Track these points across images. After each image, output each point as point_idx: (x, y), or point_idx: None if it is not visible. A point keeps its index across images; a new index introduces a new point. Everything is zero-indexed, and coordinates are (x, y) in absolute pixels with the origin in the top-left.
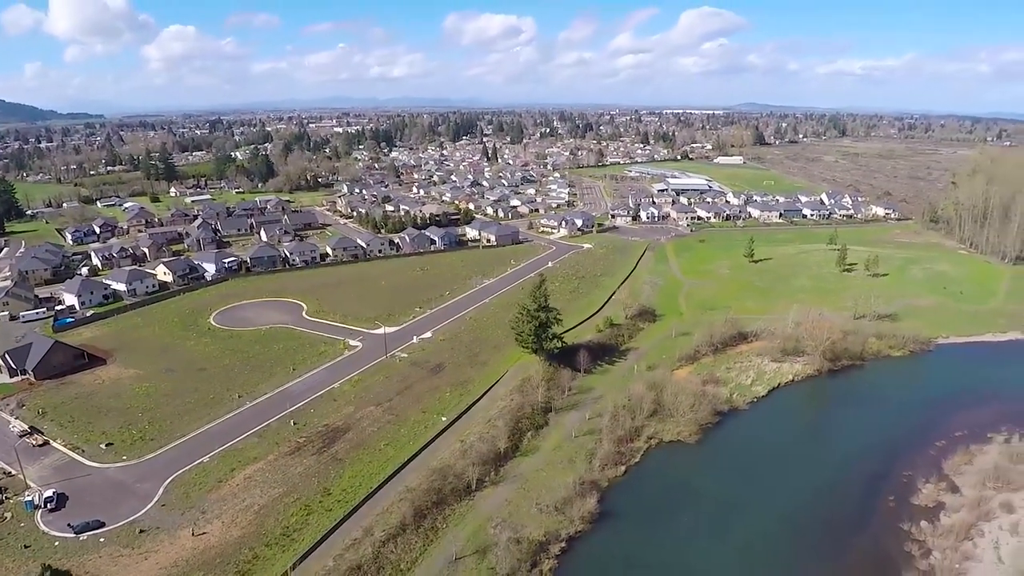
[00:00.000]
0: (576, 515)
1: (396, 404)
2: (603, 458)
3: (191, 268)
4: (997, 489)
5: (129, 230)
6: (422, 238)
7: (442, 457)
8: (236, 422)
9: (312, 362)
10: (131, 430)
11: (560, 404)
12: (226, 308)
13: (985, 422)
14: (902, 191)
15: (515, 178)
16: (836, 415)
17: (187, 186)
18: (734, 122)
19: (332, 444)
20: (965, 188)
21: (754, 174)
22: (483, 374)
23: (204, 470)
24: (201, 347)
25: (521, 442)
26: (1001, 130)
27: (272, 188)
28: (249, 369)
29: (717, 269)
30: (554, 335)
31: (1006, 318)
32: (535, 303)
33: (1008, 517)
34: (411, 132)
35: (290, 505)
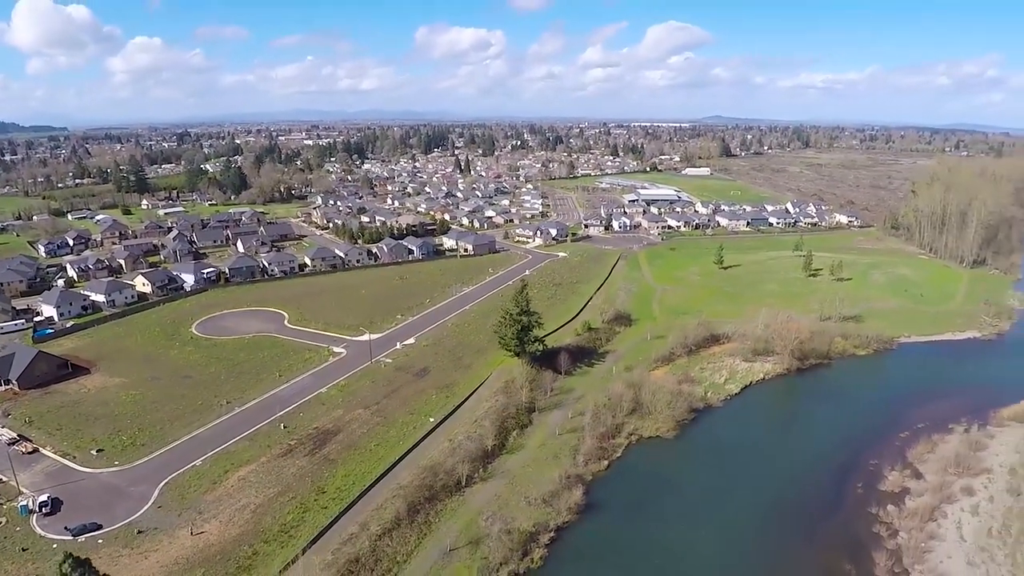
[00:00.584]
0: (563, 507)
1: (384, 407)
2: (586, 453)
3: (170, 279)
4: (958, 475)
5: (103, 242)
6: (400, 248)
7: (432, 456)
8: (226, 427)
9: (298, 368)
10: (121, 436)
11: (543, 404)
12: (207, 318)
13: (946, 414)
14: (864, 200)
15: (489, 190)
16: (806, 410)
17: (159, 198)
18: (701, 135)
19: (323, 446)
20: (924, 196)
21: (721, 185)
22: (467, 377)
23: (198, 473)
24: (185, 356)
25: (507, 440)
26: (959, 141)
27: (245, 200)
28: (235, 376)
29: (688, 276)
30: (536, 338)
31: (964, 318)
32: (517, 307)
33: (969, 500)
34: (383, 144)
35: (286, 504)
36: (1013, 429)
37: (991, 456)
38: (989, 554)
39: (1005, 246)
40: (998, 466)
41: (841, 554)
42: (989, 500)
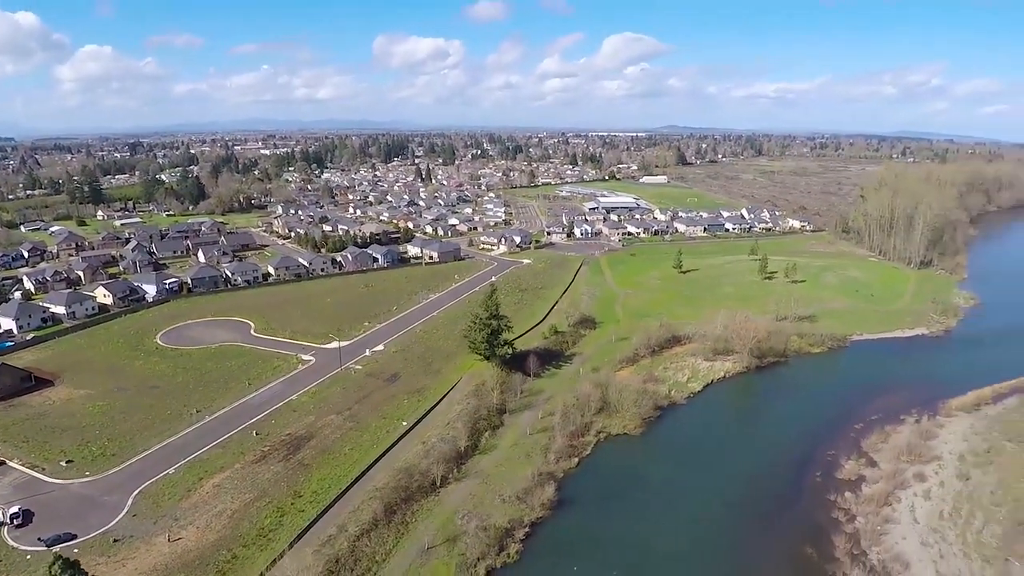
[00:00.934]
0: (537, 503)
1: (356, 412)
2: (557, 452)
3: (131, 290)
4: (910, 462)
5: (59, 254)
6: (364, 256)
7: (406, 458)
8: (197, 435)
9: (267, 376)
10: (90, 447)
11: (514, 406)
12: (172, 328)
13: (897, 406)
14: (815, 205)
15: (451, 198)
16: (765, 405)
17: (115, 209)
18: (657, 144)
19: (297, 451)
20: (873, 201)
21: (678, 192)
22: (438, 381)
23: (171, 481)
24: (151, 366)
25: (480, 441)
26: (905, 148)
27: (204, 210)
28: (204, 385)
29: (649, 280)
30: (505, 341)
31: (912, 316)
32: (487, 312)
33: (921, 485)
34: (342, 154)
35: (263, 508)
36: (960, 419)
37: (941, 444)
38: (941, 535)
39: (950, 247)
40: (947, 453)
41: (803, 539)
42: (940, 485)
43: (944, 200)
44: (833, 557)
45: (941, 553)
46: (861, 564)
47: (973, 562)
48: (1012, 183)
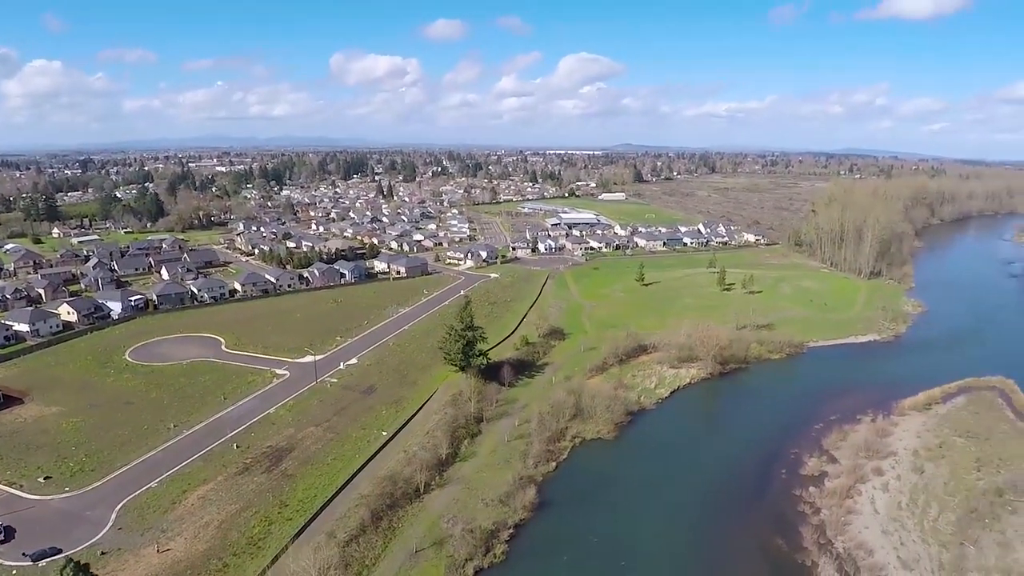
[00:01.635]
0: (519, 505)
1: (335, 424)
2: (535, 456)
3: (96, 307)
4: (868, 458)
5: (16, 272)
6: (332, 272)
7: (389, 466)
8: (176, 449)
9: (243, 391)
10: (68, 463)
11: (491, 414)
12: (140, 345)
13: (854, 407)
14: (769, 220)
15: (414, 214)
16: (730, 409)
17: (71, 227)
18: (613, 162)
19: (280, 463)
20: (823, 215)
21: (636, 208)
22: (415, 393)
23: (155, 494)
24: (123, 382)
25: (460, 449)
26: (852, 164)
27: (163, 227)
28: (179, 400)
29: (613, 292)
30: (480, 352)
31: (864, 323)
32: (462, 323)
33: (879, 479)
34: (301, 171)
35: (250, 518)
36: (913, 417)
37: (896, 441)
38: (900, 523)
39: (897, 258)
40: (902, 449)
41: (773, 531)
42: (897, 478)
43: (891, 214)
44: (802, 547)
45: (901, 540)
46: (828, 553)
47: (931, 547)
48: (954, 197)
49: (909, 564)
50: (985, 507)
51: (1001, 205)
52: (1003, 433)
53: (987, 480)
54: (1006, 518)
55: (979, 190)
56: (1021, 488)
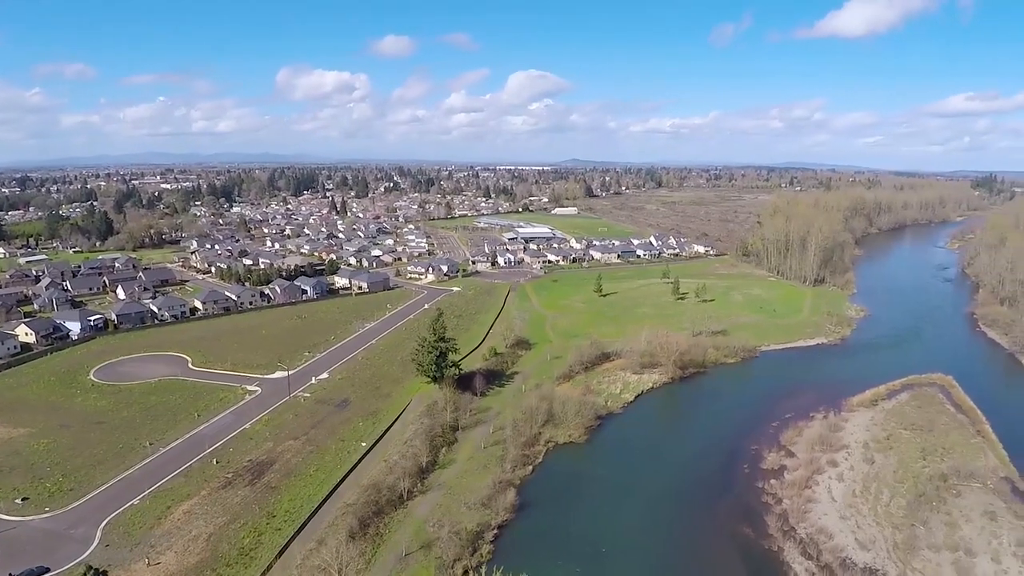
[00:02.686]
0: (500, 507)
1: (314, 436)
2: (512, 461)
3: (54, 328)
4: (823, 451)
5: None
6: (294, 288)
7: (371, 475)
8: (155, 466)
9: (216, 408)
10: (44, 483)
11: (465, 423)
12: (104, 364)
13: (807, 405)
14: (716, 232)
15: (370, 230)
16: (692, 410)
17: (16, 246)
18: (563, 177)
19: (262, 476)
20: (769, 226)
21: (589, 222)
22: (389, 404)
23: (139, 511)
24: (92, 402)
25: (438, 457)
26: (792, 177)
27: (113, 246)
28: (152, 419)
29: (573, 303)
30: (452, 363)
31: (811, 327)
32: (435, 335)
33: (834, 470)
34: (250, 187)
35: (239, 530)
36: (861, 413)
37: (847, 435)
38: (856, 509)
39: (840, 266)
40: (854, 442)
41: (740, 521)
42: (850, 469)
43: (832, 224)
44: (767, 534)
45: (858, 524)
46: (792, 538)
47: (885, 529)
48: (890, 207)
49: (866, 545)
50: (932, 492)
51: (934, 214)
52: (944, 425)
53: (932, 467)
54: (951, 501)
55: (913, 200)
56: (963, 474)
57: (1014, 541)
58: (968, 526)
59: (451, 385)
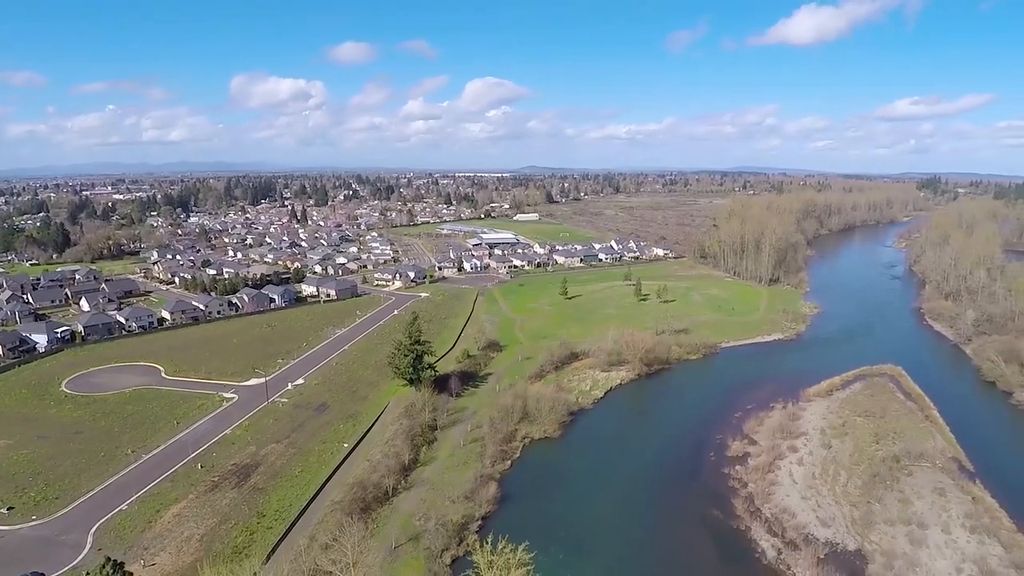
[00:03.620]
0: (483, 500)
1: (296, 439)
2: (491, 457)
3: (21, 340)
4: (783, 438)
5: None
6: (262, 297)
7: (356, 474)
8: (139, 473)
9: (194, 415)
10: (28, 493)
11: (443, 422)
12: (76, 376)
13: (767, 397)
14: (673, 235)
15: (333, 238)
16: (659, 404)
17: None
18: (523, 183)
19: (248, 478)
20: (725, 229)
21: (551, 228)
22: (367, 407)
23: (128, 516)
24: (67, 413)
25: (419, 455)
26: (745, 181)
27: (71, 258)
28: (131, 428)
29: (540, 306)
30: (428, 365)
31: (768, 324)
32: (410, 339)
33: (794, 455)
34: (206, 197)
35: (231, 529)
36: (817, 403)
37: (805, 423)
38: (816, 490)
39: (793, 266)
40: (812, 429)
41: (709, 504)
42: (809, 454)
43: (785, 226)
44: (735, 515)
45: (818, 503)
46: (758, 518)
47: (843, 507)
48: (840, 209)
49: (826, 522)
50: (885, 472)
51: (882, 215)
52: (895, 411)
53: (885, 450)
54: (903, 479)
55: (862, 202)
56: (914, 455)
57: (962, 514)
58: (920, 502)
59: (428, 386)
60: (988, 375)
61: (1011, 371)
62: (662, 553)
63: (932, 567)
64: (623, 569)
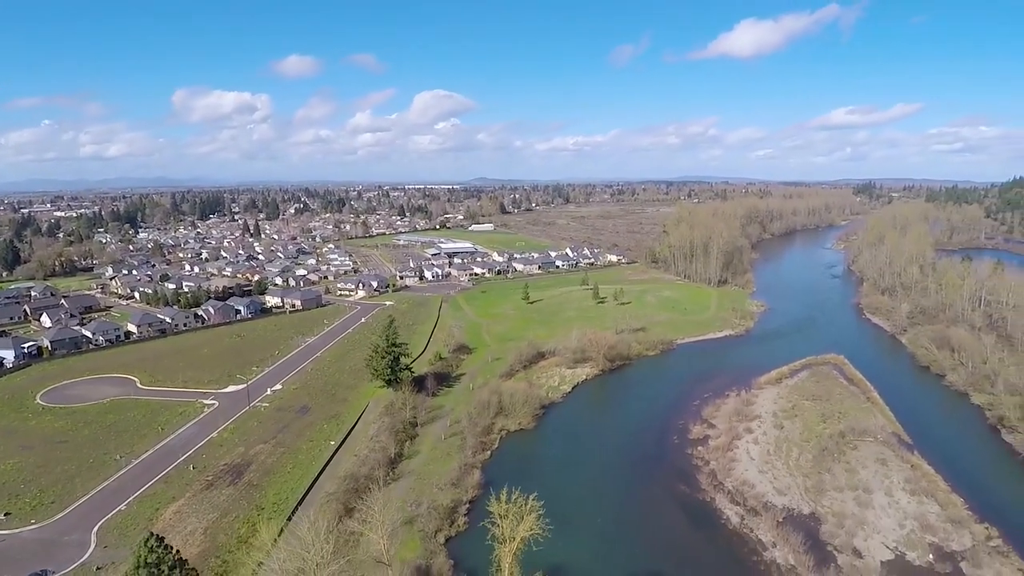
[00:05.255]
0: (468, 486)
1: (282, 440)
2: (472, 448)
3: None
4: (739, 421)
5: None
6: (227, 308)
7: (346, 467)
8: (132, 476)
9: (177, 421)
10: (23, 499)
11: (423, 419)
12: (50, 389)
13: (722, 386)
14: (625, 242)
15: (289, 251)
16: (624, 396)
17: None
18: (474, 195)
19: (242, 476)
20: (674, 234)
21: (506, 237)
22: (348, 408)
23: (128, 515)
24: (47, 424)
25: (403, 449)
26: (690, 190)
27: (23, 275)
28: (115, 435)
29: (504, 311)
30: (405, 366)
31: (719, 322)
32: (388, 341)
33: (750, 435)
34: (153, 212)
35: (233, 522)
36: (768, 390)
37: (758, 407)
38: (771, 464)
39: (740, 268)
40: (765, 413)
41: (676, 481)
42: (764, 434)
43: (730, 231)
44: (701, 489)
45: (774, 476)
46: (721, 490)
47: (796, 478)
48: (781, 215)
49: (782, 491)
50: (833, 447)
51: (821, 219)
52: (839, 395)
53: (831, 428)
54: (849, 453)
55: (802, 207)
56: (858, 431)
57: (902, 479)
58: (864, 471)
59: (403, 387)
60: (922, 361)
61: (943, 356)
62: (637, 523)
63: (878, 524)
64: (605, 537)
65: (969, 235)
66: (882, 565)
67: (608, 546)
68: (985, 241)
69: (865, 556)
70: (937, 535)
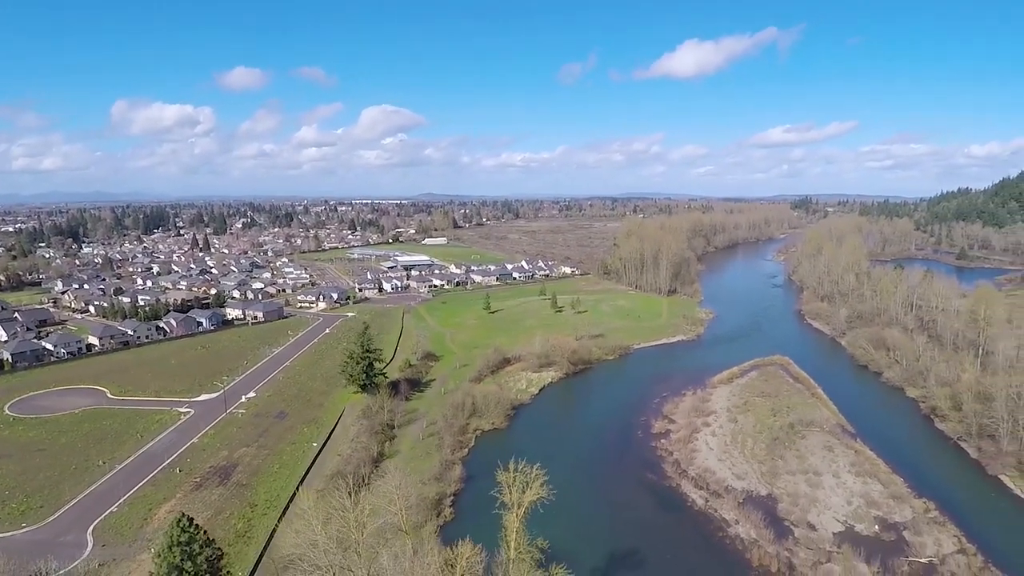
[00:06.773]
0: (451, 480)
1: (265, 443)
2: (450, 446)
3: None
4: (697, 417)
5: None
6: (189, 320)
7: (331, 466)
8: (118, 480)
9: (156, 428)
10: (10, 504)
11: (400, 421)
12: (17, 400)
13: (679, 385)
14: (576, 255)
15: (242, 264)
16: (588, 396)
17: None
18: (423, 210)
19: (229, 476)
20: (625, 247)
21: (461, 251)
22: (325, 413)
23: (121, 515)
24: (21, 433)
25: (384, 449)
26: (635, 206)
27: None
28: (94, 442)
29: (466, 320)
30: (380, 371)
31: (671, 328)
32: (362, 347)
33: (708, 428)
34: (96, 227)
35: (228, 519)
36: (722, 388)
37: (714, 404)
38: (729, 453)
39: (687, 278)
40: (720, 408)
41: (643, 470)
42: (720, 427)
43: (678, 243)
44: (667, 476)
45: (732, 463)
46: (686, 477)
47: (752, 464)
48: (724, 228)
49: (741, 476)
50: (784, 436)
51: (761, 233)
52: (787, 391)
53: (781, 420)
54: (799, 441)
55: (743, 222)
56: (805, 423)
57: (847, 463)
58: (813, 457)
59: (378, 392)
60: (861, 360)
61: (879, 356)
62: (611, 508)
63: (828, 502)
64: (581, 520)
65: (900, 246)
66: (834, 536)
67: (586, 527)
68: (915, 252)
69: (819, 529)
70: (881, 509)
